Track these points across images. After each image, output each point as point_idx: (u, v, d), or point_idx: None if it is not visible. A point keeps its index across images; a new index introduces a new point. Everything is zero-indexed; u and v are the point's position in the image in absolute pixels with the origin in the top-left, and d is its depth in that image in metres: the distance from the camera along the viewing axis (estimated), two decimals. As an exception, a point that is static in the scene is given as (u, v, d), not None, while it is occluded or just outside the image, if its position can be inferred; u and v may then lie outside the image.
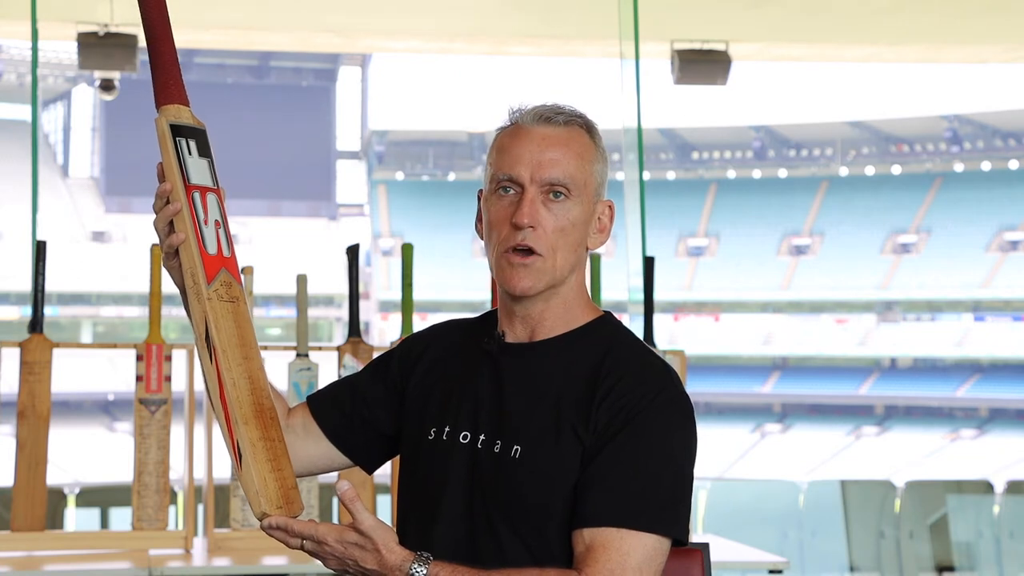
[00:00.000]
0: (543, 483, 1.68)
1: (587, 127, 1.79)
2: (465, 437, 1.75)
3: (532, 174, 1.73)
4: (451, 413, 1.78)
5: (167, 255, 1.74)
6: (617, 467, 1.66)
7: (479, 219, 1.81)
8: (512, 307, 1.78)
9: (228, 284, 1.74)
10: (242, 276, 3.51)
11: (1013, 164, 40.10)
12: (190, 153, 1.75)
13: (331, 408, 1.90)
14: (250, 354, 1.74)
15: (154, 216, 1.75)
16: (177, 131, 1.75)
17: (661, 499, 1.66)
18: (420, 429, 1.81)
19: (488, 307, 2.20)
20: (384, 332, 36.75)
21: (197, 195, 1.74)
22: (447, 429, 1.77)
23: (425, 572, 1.61)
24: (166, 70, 1.77)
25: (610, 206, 1.81)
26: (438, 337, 1.90)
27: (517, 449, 1.70)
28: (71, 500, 5.62)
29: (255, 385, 1.73)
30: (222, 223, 1.76)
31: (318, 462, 1.91)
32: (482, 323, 1.87)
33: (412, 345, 1.91)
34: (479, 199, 1.82)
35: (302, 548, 1.67)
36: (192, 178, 1.74)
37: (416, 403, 1.84)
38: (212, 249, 1.73)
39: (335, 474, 4.07)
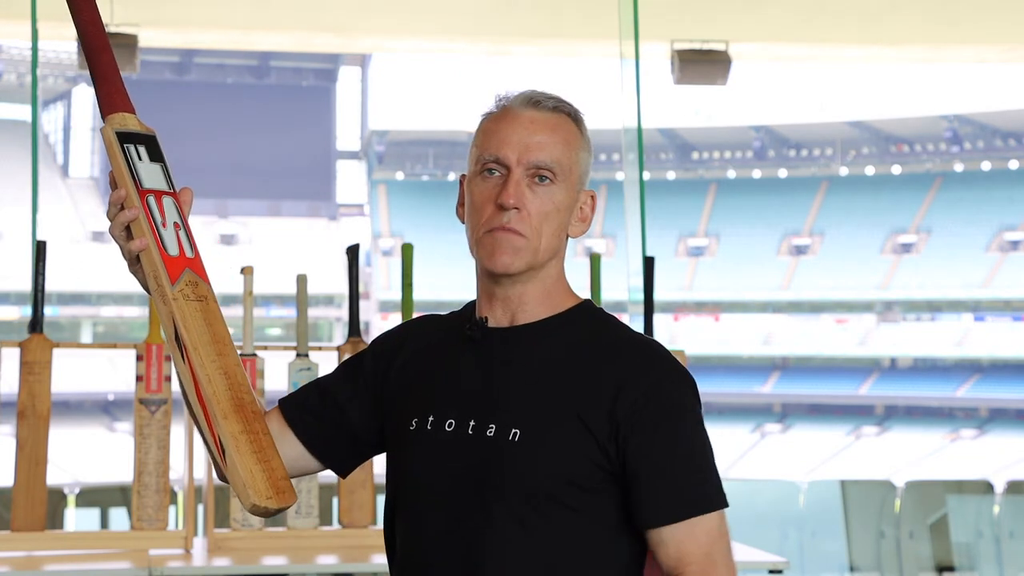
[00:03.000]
0: (546, 464, 1.67)
1: (573, 115, 1.78)
2: (450, 425, 1.73)
3: (519, 156, 1.72)
4: (432, 402, 1.76)
5: (130, 262, 1.75)
6: (671, 459, 1.69)
7: (460, 203, 1.80)
8: (493, 289, 1.77)
9: (194, 283, 1.73)
10: (244, 276, 3.52)
11: (1013, 164, 40.12)
12: (140, 158, 1.75)
13: (302, 411, 1.88)
14: (224, 351, 1.73)
15: (110, 224, 1.75)
16: (124, 138, 1.75)
17: (710, 475, 1.72)
18: (401, 421, 1.79)
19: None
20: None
21: (152, 199, 1.73)
22: (430, 418, 1.75)
23: None
24: (108, 81, 1.79)
25: (592, 196, 1.80)
26: (414, 331, 1.89)
27: (516, 432, 1.69)
28: (71, 500, 5.62)
29: (232, 380, 1.72)
30: (182, 225, 1.75)
31: (294, 464, 1.87)
32: (459, 315, 1.86)
33: (385, 343, 1.89)
34: (461, 183, 1.81)
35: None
36: (145, 183, 1.74)
37: (395, 397, 1.82)
38: (173, 251, 1.73)
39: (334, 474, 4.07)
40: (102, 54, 1.79)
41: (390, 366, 1.85)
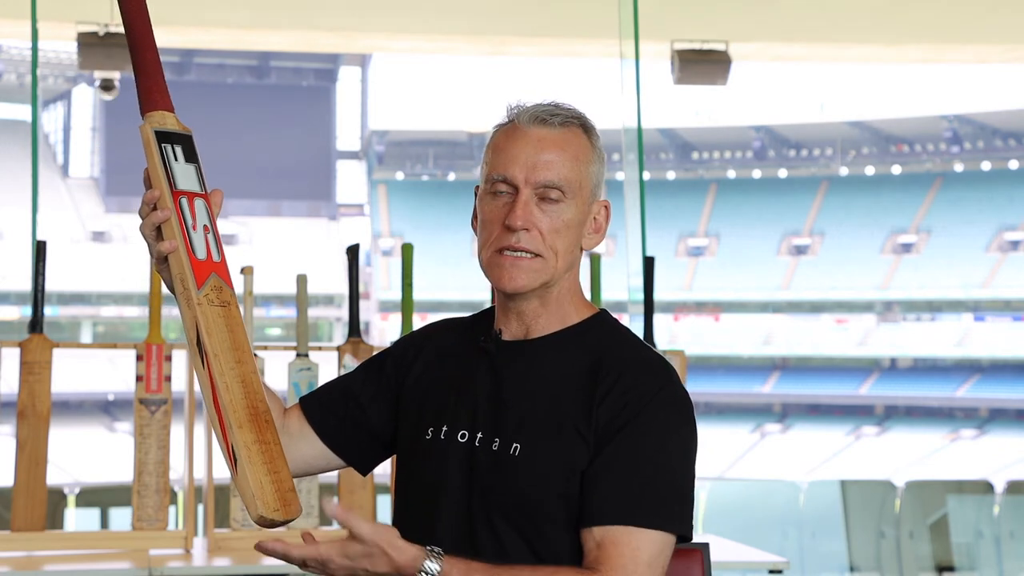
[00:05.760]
0: (543, 480, 1.69)
1: (584, 127, 1.78)
2: (463, 436, 1.75)
3: (527, 176, 1.73)
4: (448, 412, 1.78)
5: (157, 261, 1.74)
6: (623, 465, 1.67)
7: (475, 216, 1.81)
8: (507, 304, 1.79)
9: (219, 288, 1.73)
10: (244, 276, 3.51)
11: (1013, 164, 40.10)
12: (176, 159, 1.75)
13: (324, 410, 1.90)
14: (243, 358, 1.73)
15: (140, 222, 1.75)
16: (162, 137, 1.75)
17: (666, 496, 1.67)
18: (417, 429, 1.81)
19: (487, 306, 2.19)
20: (384, 332, 36.75)
21: (184, 201, 1.73)
22: (444, 428, 1.77)
23: (438, 568, 1.60)
24: (150, 76, 1.77)
25: (606, 206, 1.81)
26: (433, 337, 1.90)
27: (516, 447, 1.70)
28: (71, 500, 5.63)
29: (249, 389, 1.72)
30: (211, 228, 1.75)
31: (314, 463, 1.90)
32: (477, 321, 1.87)
33: (407, 346, 1.91)
34: (476, 195, 1.82)
35: (304, 567, 1.64)
36: (179, 184, 1.74)
37: (412, 404, 1.84)
38: (201, 254, 1.73)
39: (335, 474, 4.08)
40: (147, 50, 1.78)
41: (408, 374, 1.86)
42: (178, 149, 1.76)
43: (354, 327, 3.81)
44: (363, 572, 1.61)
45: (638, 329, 3.91)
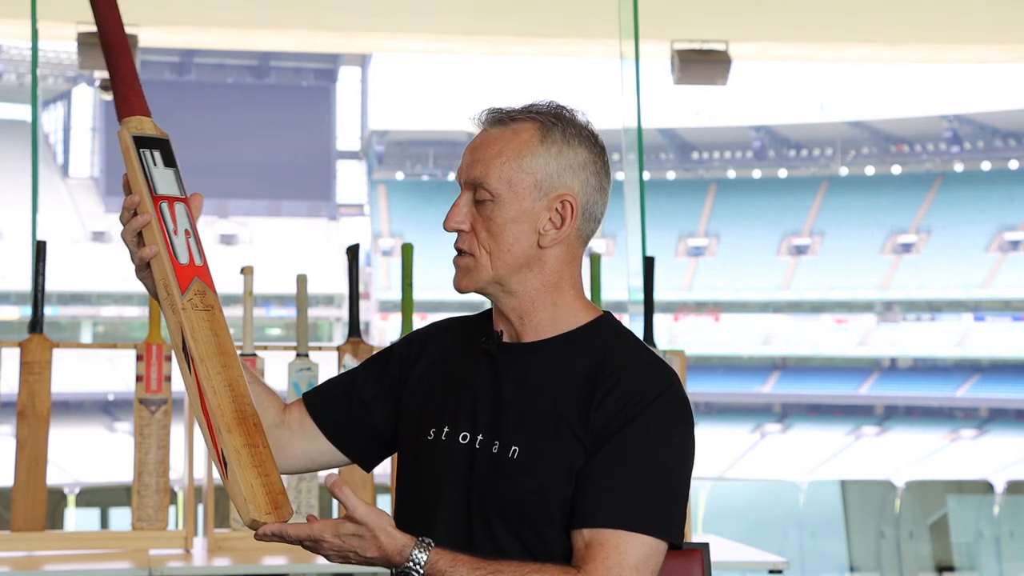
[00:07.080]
0: (541, 483, 1.68)
1: (540, 121, 1.75)
2: (464, 437, 1.75)
3: (460, 177, 1.77)
4: (450, 413, 1.78)
5: (138, 267, 1.74)
6: (616, 467, 1.66)
7: None
8: (493, 304, 1.80)
9: (202, 293, 1.74)
10: (244, 276, 3.51)
11: (1013, 164, 40.11)
12: (155, 164, 1.75)
13: (327, 406, 1.90)
14: (229, 362, 1.73)
15: (122, 229, 1.75)
16: (141, 142, 1.76)
17: (659, 501, 1.67)
18: (419, 429, 1.81)
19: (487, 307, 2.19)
20: (384, 332, 36.75)
21: (165, 205, 1.74)
22: (446, 429, 1.77)
23: (425, 559, 1.61)
24: (126, 82, 1.78)
25: (564, 199, 1.74)
26: (436, 336, 1.89)
27: (515, 450, 1.70)
28: (71, 500, 5.63)
29: (236, 392, 1.72)
30: (192, 232, 1.75)
31: (316, 459, 1.90)
32: (480, 322, 1.86)
33: (410, 344, 1.90)
34: None
35: (301, 546, 1.67)
36: (159, 188, 1.74)
37: (415, 403, 1.84)
38: (184, 259, 1.73)
39: (336, 471, 4.08)
40: (122, 56, 1.79)
41: (411, 372, 1.86)
42: (156, 154, 1.76)
43: (354, 327, 3.80)
44: (352, 555, 1.64)
45: (638, 329, 3.91)
